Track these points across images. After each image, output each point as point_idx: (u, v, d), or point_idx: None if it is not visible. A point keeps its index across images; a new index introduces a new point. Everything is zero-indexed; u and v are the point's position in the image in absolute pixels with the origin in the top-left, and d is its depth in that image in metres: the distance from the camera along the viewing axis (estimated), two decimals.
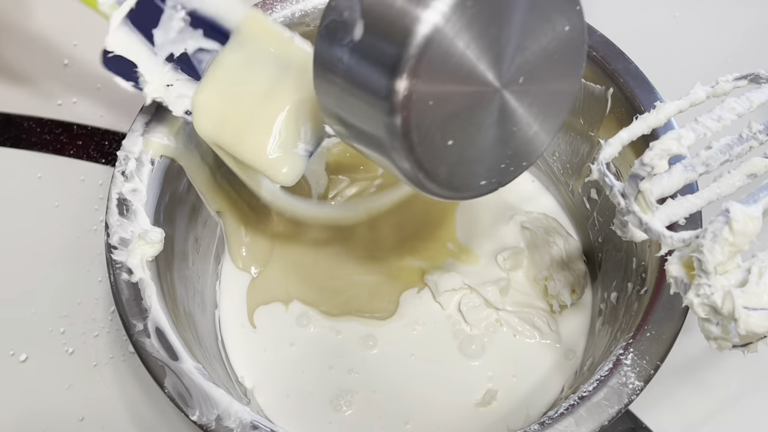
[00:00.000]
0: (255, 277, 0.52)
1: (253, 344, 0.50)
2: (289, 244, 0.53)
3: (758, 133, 0.35)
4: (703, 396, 0.49)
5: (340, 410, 0.47)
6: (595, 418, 0.36)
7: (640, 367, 0.37)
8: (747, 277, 0.30)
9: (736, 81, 0.36)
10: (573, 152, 0.51)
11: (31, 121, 0.61)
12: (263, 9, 0.47)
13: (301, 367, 0.49)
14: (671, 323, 0.38)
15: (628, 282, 0.44)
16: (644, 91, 0.43)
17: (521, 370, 0.48)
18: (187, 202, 0.47)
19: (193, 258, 0.48)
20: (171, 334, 0.39)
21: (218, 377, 0.41)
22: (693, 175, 0.35)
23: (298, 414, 0.47)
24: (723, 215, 0.29)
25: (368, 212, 0.49)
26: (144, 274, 0.40)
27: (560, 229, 0.52)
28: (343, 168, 0.56)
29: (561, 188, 0.54)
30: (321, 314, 0.50)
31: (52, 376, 0.51)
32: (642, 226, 0.33)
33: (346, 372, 0.49)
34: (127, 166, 0.42)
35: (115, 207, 0.41)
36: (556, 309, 0.50)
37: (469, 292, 0.50)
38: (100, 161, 0.59)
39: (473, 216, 0.54)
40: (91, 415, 0.50)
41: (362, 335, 0.50)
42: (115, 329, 0.52)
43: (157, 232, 0.41)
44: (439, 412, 0.47)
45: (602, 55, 0.44)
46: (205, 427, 0.36)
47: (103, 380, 0.51)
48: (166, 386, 0.37)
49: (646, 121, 0.35)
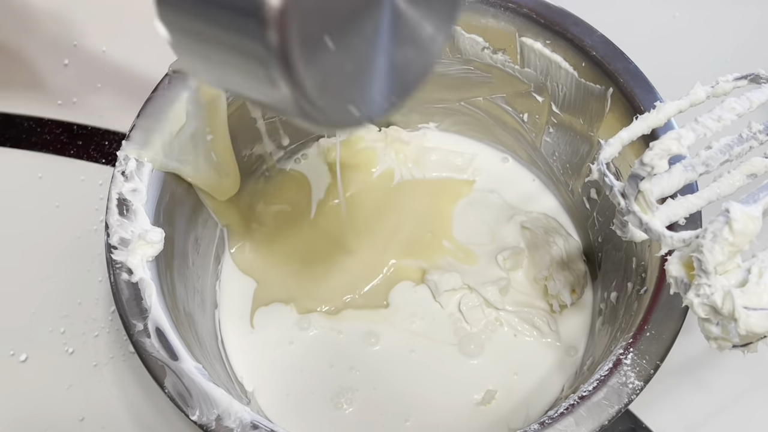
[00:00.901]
0: (258, 282, 0.52)
1: (253, 344, 0.50)
2: (286, 248, 0.53)
3: (758, 133, 0.35)
4: (703, 396, 0.49)
5: (341, 408, 0.47)
6: (595, 418, 0.36)
7: (640, 367, 0.37)
8: (747, 277, 0.30)
9: (736, 81, 0.36)
10: (573, 152, 0.51)
11: (31, 121, 0.61)
12: None
13: (301, 366, 0.49)
14: (671, 323, 0.38)
15: (628, 282, 0.44)
16: (644, 90, 0.43)
17: (521, 370, 0.48)
18: (187, 202, 0.47)
19: (193, 258, 0.48)
20: (171, 334, 0.39)
21: (218, 377, 0.41)
22: (693, 175, 0.35)
23: (299, 413, 0.47)
24: (723, 215, 0.29)
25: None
26: (144, 274, 0.40)
27: (560, 229, 0.53)
28: (343, 168, 0.56)
29: (561, 188, 0.54)
30: (322, 315, 0.50)
31: (52, 376, 0.51)
32: (642, 226, 0.33)
33: (347, 369, 0.49)
34: (127, 166, 0.42)
35: (115, 207, 0.41)
36: (556, 309, 0.50)
37: (468, 292, 0.50)
38: (100, 161, 0.59)
39: (473, 215, 0.54)
40: (91, 415, 0.50)
41: (364, 332, 0.50)
42: (116, 329, 0.52)
43: (157, 232, 0.41)
44: (439, 410, 0.47)
45: (602, 55, 0.44)
46: (206, 427, 0.36)
47: (104, 380, 0.51)
48: (167, 386, 0.37)
49: (646, 121, 0.35)
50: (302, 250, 0.53)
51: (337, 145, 0.55)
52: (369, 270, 0.52)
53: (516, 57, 0.48)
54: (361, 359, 0.49)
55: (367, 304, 0.51)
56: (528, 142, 0.54)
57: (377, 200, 0.55)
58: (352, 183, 0.55)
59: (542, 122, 0.51)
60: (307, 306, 0.51)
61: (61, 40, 0.65)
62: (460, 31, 0.48)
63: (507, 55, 0.48)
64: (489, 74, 0.50)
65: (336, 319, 0.50)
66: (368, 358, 0.49)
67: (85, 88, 0.62)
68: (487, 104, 0.53)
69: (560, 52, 0.46)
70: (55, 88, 0.63)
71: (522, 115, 0.52)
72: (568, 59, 0.46)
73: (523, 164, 0.56)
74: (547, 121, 0.51)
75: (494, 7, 0.46)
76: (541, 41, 0.46)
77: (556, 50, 0.46)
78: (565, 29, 0.45)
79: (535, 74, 0.48)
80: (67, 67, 0.64)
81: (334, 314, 0.50)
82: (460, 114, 0.55)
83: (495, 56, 0.49)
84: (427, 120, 0.57)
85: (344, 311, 0.51)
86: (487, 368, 0.48)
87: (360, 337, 0.50)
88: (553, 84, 0.48)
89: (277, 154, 0.55)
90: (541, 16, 0.46)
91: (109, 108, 0.61)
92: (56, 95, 0.62)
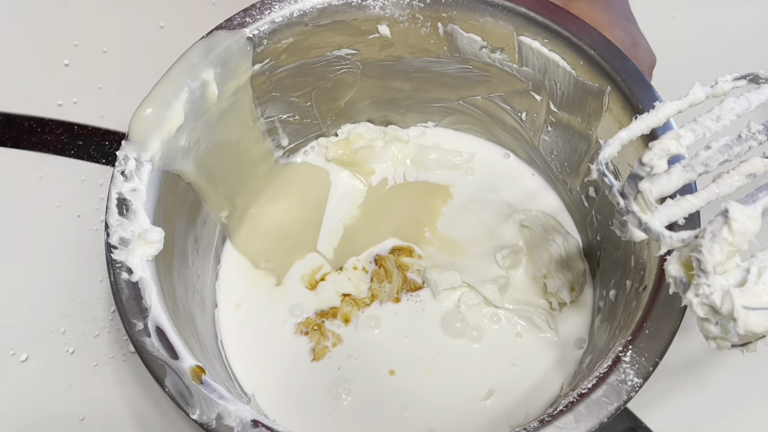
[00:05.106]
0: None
1: (253, 343, 0.50)
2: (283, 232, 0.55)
3: (757, 134, 0.35)
4: (703, 396, 0.49)
5: (339, 399, 0.48)
6: (595, 415, 0.36)
7: (639, 365, 0.37)
8: (746, 276, 0.30)
9: (735, 81, 0.36)
10: (571, 150, 0.51)
11: (32, 121, 0.61)
12: (262, 9, 0.47)
13: (296, 357, 0.49)
14: (670, 320, 0.38)
15: (627, 279, 0.44)
16: (642, 89, 0.43)
17: (520, 368, 0.48)
18: (186, 202, 0.47)
19: (193, 258, 0.48)
20: (171, 334, 0.39)
21: (218, 376, 0.41)
22: (692, 175, 0.35)
23: (298, 406, 0.48)
24: (722, 215, 0.29)
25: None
26: (144, 274, 0.40)
27: (559, 228, 0.53)
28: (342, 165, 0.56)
29: (559, 186, 0.54)
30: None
31: (52, 376, 0.51)
32: (641, 226, 0.33)
33: (346, 358, 0.49)
34: (127, 165, 0.42)
35: (114, 207, 0.41)
36: (555, 307, 0.50)
37: (468, 290, 0.51)
38: (100, 161, 0.59)
39: (471, 214, 0.54)
40: (91, 414, 0.50)
41: (363, 317, 0.50)
42: (116, 329, 0.52)
43: (156, 232, 0.41)
44: (437, 401, 0.48)
45: (600, 54, 0.44)
46: (206, 425, 0.36)
47: (104, 380, 0.51)
48: (167, 385, 0.37)
49: (645, 121, 0.35)
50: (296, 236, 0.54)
51: (324, 150, 0.56)
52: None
53: (514, 56, 0.48)
54: (358, 348, 0.49)
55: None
56: (526, 141, 0.54)
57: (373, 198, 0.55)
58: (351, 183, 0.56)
59: (540, 121, 0.51)
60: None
61: (61, 40, 0.65)
62: (459, 30, 0.48)
63: (505, 53, 0.48)
64: (487, 73, 0.51)
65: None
66: (366, 347, 0.49)
67: (85, 88, 0.62)
68: (485, 103, 0.53)
69: (558, 51, 0.46)
70: (55, 88, 0.63)
71: (520, 113, 0.52)
72: (566, 58, 0.46)
73: (522, 162, 0.56)
74: (546, 120, 0.51)
75: (492, 6, 0.46)
76: (540, 40, 0.46)
77: (554, 49, 0.46)
78: (563, 28, 0.45)
79: (533, 73, 0.48)
80: (67, 67, 0.64)
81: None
82: (459, 113, 0.56)
83: (493, 55, 0.49)
84: (425, 119, 0.57)
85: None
86: (486, 366, 0.49)
87: (357, 325, 0.50)
88: (551, 83, 0.48)
89: (277, 153, 0.55)
90: (540, 15, 0.46)
91: (109, 108, 0.61)
92: (56, 95, 0.62)
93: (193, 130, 0.45)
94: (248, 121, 0.50)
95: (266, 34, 0.47)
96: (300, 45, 0.48)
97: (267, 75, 0.49)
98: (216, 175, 0.49)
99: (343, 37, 0.49)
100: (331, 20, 0.47)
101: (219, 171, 0.49)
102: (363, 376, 0.48)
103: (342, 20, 0.48)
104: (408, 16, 0.48)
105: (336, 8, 0.47)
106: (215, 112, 0.47)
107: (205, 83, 0.45)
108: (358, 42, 0.49)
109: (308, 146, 0.57)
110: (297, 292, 0.52)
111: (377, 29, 0.49)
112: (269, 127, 0.53)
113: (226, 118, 0.48)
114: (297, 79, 0.51)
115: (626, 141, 0.35)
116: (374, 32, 0.49)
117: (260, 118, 0.51)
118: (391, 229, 0.54)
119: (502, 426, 0.46)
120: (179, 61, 0.45)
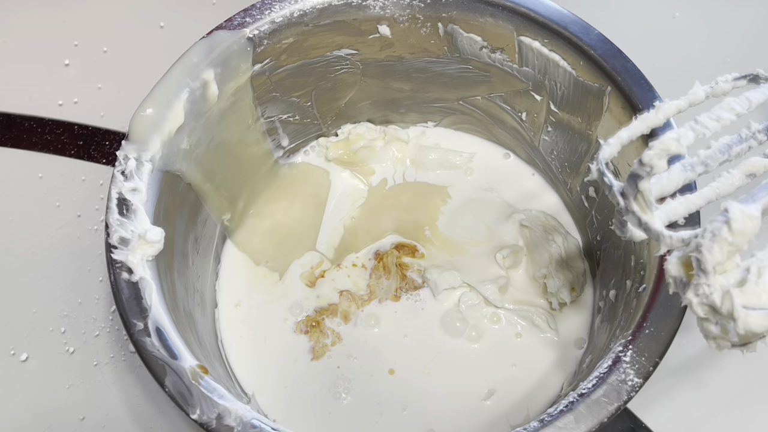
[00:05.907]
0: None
1: (253, 342, 0.50)
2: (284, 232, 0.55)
3: (757, 133, 0.35)
4: (703, 396, 0.49)
5: (339, 398, 0.48)
6: (595, 415, 0.36)
7: (639, 364, 0.37)
8: (746, 276, 0.30)
9: (735, 81, 0.36)
10: (571, 150, 0.51)
11: (32, 121, 0.61)
12: (262, 9, 0.47)
13: (295, 356, 0.49)
14: (670, 320, 0.38)
15: (627, 279, 0.44)
16: (642, 89, 0.43)
17: (520, 368, 0.48)
18: (186, 202, 0.47)
19: (193, 258, 0.48)
20: (171, 333, 0.39)
21: (218, 376, 0.41)
22: (692, 174, 0.35)
23: (298, 406, 0.48)
24: (722, 215, 0.29)
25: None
26: (144, 274, 0.40)
27: (559, 227, 0.53)
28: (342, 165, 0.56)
29: (559, 186, 0.54)
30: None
31: (52, 376, 0.51)
32: (641, 226, 0.33)
33: (345, 358, 0.49)
34: (127, 165, 0.42)
35: (115, 206, 0.41)
36: (555, 307, 0.50)
37: (468, 290, 0.51)
38: (100, 161, 0.59)
39: (471, 214, 0.54)
40: (91, 414, 0.50)
41: (362, 317, 0.50)
42: (116, 329, 0.52)
43: (157, 232, 0.41)
44: (437, 401, 0.48)
45: (600, 54, 0.45)
46: (206, 425, 0.36)
47: (104, 380, 0.51)
48: (167, 385, 0.37)
49: (645, 121, 0.35)
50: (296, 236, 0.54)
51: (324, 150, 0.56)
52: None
53: (514, 56, 0.48)
54: (358, 347, 0.49)
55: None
56: (526, 141, 0.54)
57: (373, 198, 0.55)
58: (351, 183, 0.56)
59: (540, 121, 0.51)
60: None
61: (61, 40, 0.65)
62: (459, 30, 0.48)
63: (505, 54, 0.48)
64: (487, 73, 0.51)
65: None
66: (366, 346, 0.49)
67: (86, 88, 0.62)
68: (485, 103, 0.53)
69: (558, 51, 0.46)
70: (55, 88, 0.63)
71: (520, 113, 0.52)
72: (566, 58, 0.46)
73: (522, 162, 0.56)
74: (546, 120, 0.51)
75: (492, 6, 0.46)
76: (540, 40, 0.46)
77: (554, 49, 0.46)
78: (563, 28, 0.45)
79: (533, 73, 0.48)
80: (67, 67, 0.64)
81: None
82: (459, 113, 0.56)
83: (493, 55, 0.49)
84: (425, 119, 0.57)
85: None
86: (486, 366, 0.49)
87: (357, 323, 0.50)
88: (551, 83, 0.48)
89: (277, 153, 0.55)
90: (540, 15, 0.46)
91: (109, 108, 0.61)
92: (56, 95, 0.62)
93: (193, 130, 0.45)
94: (248, 121, 0.50)
95: (266, 34, 0.47)
96: (300, 45, 0.48)
97: (267, 75, 0.49)
98: (216, 175, 0.49)
99: (343, 37, 0.49)
100: (332, 20, 0.48)
101: (219, 171, 0.49)
102: (362, 376, 0.48)
103: (342, 20, 0.48)
104: (408, 17, 0.48)
105: (336, 8, 0.47)
106: (215, 112, 0.47)
107: (205, 83, 0.45)
108: (358, 42, 0.49)
109: (308, 146, 0.57)
110: (297, 291, 0.52)
111: (377, 29, 0.49)
112: (269, 127, 0.53)
113: (226, 118, 0.48)
114: (297, 79, 0.51)
115: (626, 141, 0.34)
116: (374, 32, 0.49)
117: (260, 118, 0.51)
118: (391, 229, 0.54)
119: (502, 426, 0.46)
120: (179, 61, 0.45)
